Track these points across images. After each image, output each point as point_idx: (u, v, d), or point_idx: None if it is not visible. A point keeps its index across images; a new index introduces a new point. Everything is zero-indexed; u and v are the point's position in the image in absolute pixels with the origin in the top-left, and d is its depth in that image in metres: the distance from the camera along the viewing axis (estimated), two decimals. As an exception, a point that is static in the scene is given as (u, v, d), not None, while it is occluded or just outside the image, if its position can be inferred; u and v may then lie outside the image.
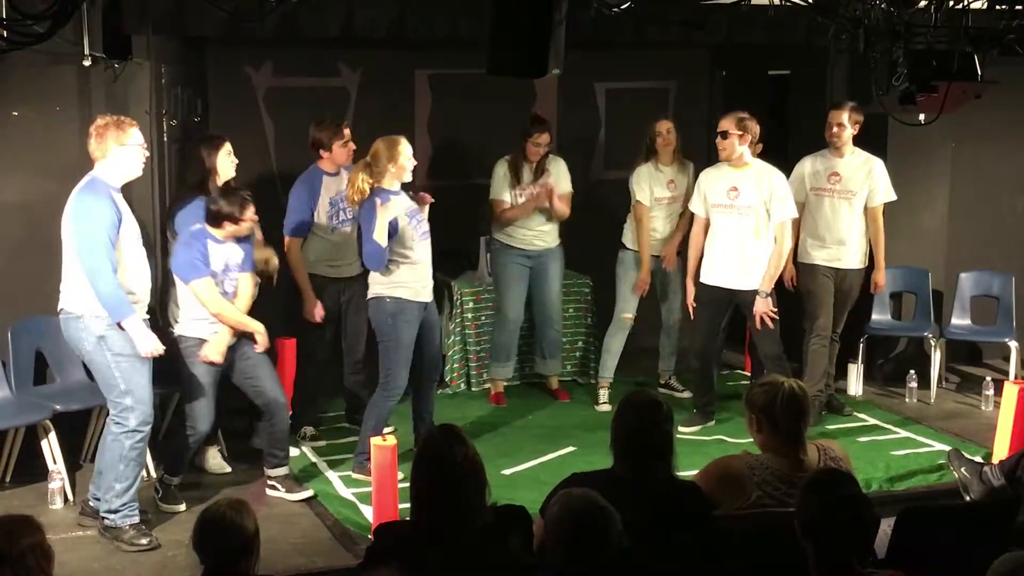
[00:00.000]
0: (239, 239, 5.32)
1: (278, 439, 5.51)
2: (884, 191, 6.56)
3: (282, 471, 5.55)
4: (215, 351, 5.22)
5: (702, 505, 3.64)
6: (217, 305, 5.20)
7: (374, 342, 5.88)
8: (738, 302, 6.34)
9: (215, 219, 5.20)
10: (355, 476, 5.70)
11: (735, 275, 6.23)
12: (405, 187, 5.69)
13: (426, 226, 5.72)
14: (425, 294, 5.71)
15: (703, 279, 6.35)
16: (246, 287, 5.40)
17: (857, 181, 6.50)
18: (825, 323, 6.55)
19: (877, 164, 6.55)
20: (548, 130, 6.73)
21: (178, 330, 5.28)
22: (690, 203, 6.49)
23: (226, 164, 5.63)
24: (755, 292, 6.18)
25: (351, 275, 6.16)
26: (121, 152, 4.86)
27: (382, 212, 5.41)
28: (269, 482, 5.54)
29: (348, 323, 6.27)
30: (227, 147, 5.65)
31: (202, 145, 5.69)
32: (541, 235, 6.84)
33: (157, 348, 4.89)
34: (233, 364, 5.36)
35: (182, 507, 5.33)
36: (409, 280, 5.62)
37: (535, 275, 6.89)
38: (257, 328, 5.31)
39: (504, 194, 6.71)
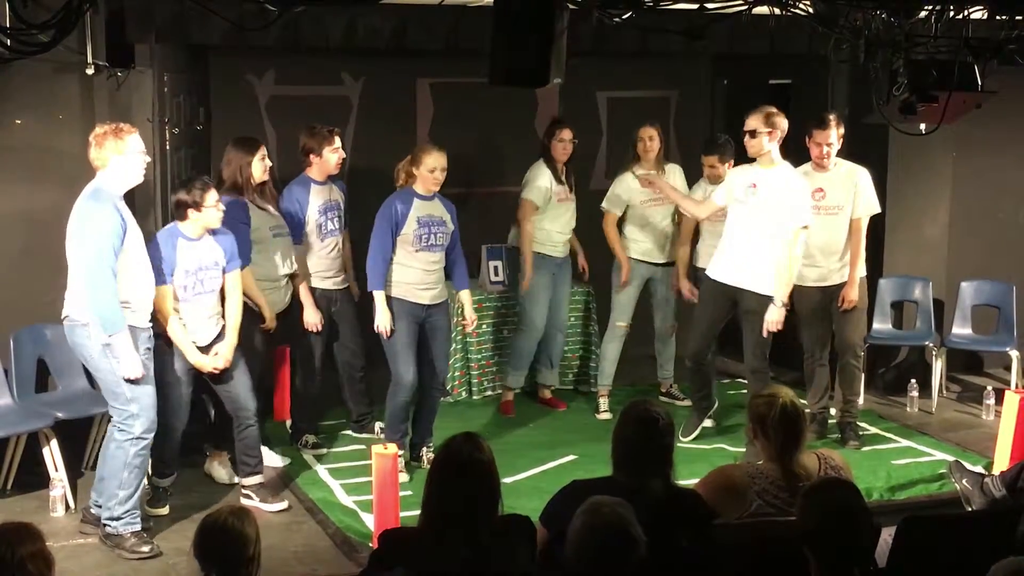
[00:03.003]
0: (216, 233, 5.31)
1: (249, 447, 5.51)
2: (868, 203, 6.35)
3: (255, 480, 5.54)
4: (204, 366, 5.26)
5: (703, 513, 3.64)
6: (164, 317, 5.18)
7: (370, 350, 5.87)
8: (739, 302, 6.15)
9: (178, 210, 5.20)
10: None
11: (740, 274, 6.02)
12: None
13: (442, 239, 5.78)
14: (423, 296, 5.75)
15: (710, 273, 6.21)
16: (235, 286, 5.40)
17: (842, 194, 6.30)
18: (818, 344, 6.43)
19: (863, 175, 6.35)
20: (569, 126, 6.76)
21: (160, 328, 5.28)
22: (715, 196, 6.29)
23: (258, 168, 5.68)
24: (756, 297, 5.99)
25: (339, 287, 6.19)
26: (121, 160, 4.87)
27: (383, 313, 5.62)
28: (243, 491, 5.53)
29: (339, 334, 6.27)
30: (262, 150, 5.72)
31: (238, 148, 5.71)
32: (567, 241, 6.89)
33: (137, 373, 4.86)
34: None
35: (164, 510, 5.36)
36: (401, 280, 5.69)
37: (555, 282, 6.90)
38: (192, 357, 5.25)
39: (537, 196, 6.68)
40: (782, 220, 5.90)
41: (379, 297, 5.65)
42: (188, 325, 5.27)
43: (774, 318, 5.99)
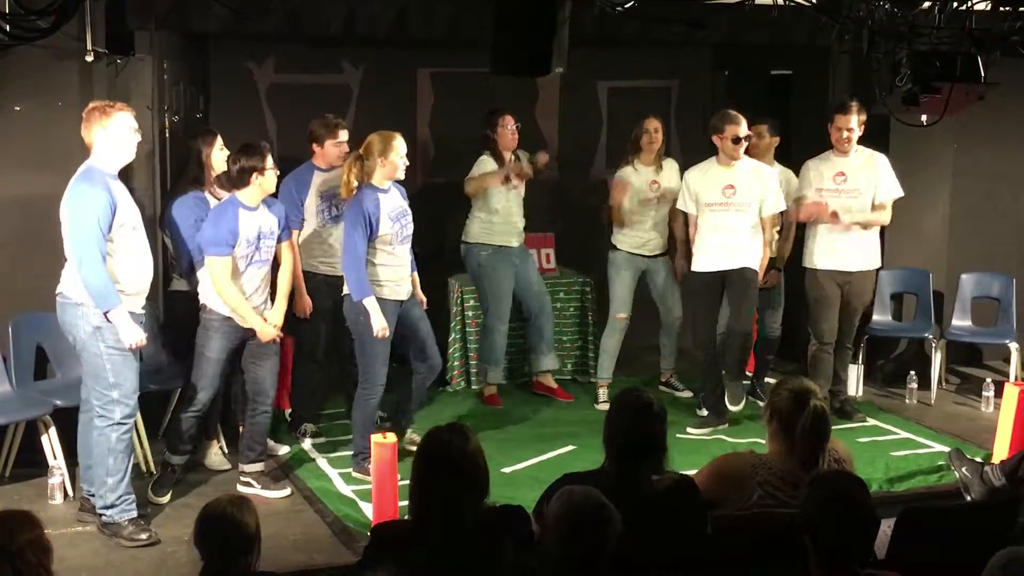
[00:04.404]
0: (271, 205, 5.33)
1: (258, 433, 5.51)
2: (890, 187, 6.50)
3: (257, 467, 5.54)
4: (268, 333, 5.29)
5: (697, 502, 3.63)
6: (223, 287, 5.19)
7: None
8: (726, 281, 6.35)
9: (241, 176, 5.20)
10: (355, 475, 5.70)
11: (725, 260, 6.29)
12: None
13: (410, 229, 5.70)
14: (401, 292, 5.68)
15: (695, 267, 6.40)
16: (288, 258, 5.44)
17: (863, 179, 6.45)
18: (829, 329, 6.50)
19: (881, 160, 6.51)
20: (511, 113, 6.73)
21: (203, 299, 5.33)
22: (679, 204, 6.49)
23: (219, 157, 5.63)
24: (741, 270, 6.25)
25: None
26: (105, 137, 4.82)
27: (375, 314, 5.47)
28: (243, 479, 5.52)
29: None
30: (219, 141, 5.66)
31: (197, 140, 5.69)
32: (520, 231, 6.88)
33: (140, 340, 4.86)
34: (246, 343, 5.36)
35: (165, 499, 5.36)
36: (384, 279, 5.60)
37: (520, 271, 6.89)
38: (257, 325, 5.30)
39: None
40: (764, 209, 6.31)
41: (371, 303, 5.50)
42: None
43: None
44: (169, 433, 5.51)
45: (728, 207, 6.25)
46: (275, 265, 5.49)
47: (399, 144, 5.55)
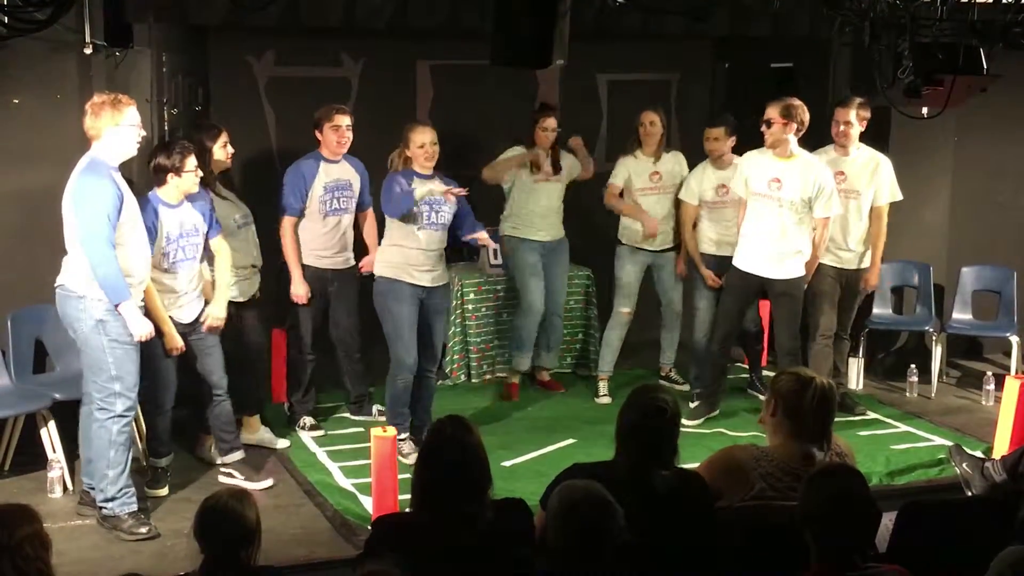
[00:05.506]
0: (194, 200, 5.27)
1: (223, 423, 5.49)
2: (890, 190, 6.47)
3: (235, 456, 5.52)
4: (173, 343, 5.21)
5: (707, 497, 3.63)
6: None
7: (368, 331, 5.89)
8: (768, 291, 6.30)
9: (157, 175, 5.16)
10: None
11: (769, 265, 6.14)
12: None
13: (445, 218, 5.75)
14: (423, 279, 5.74)
15: (736, 263, 6.28)
16: (221, 249, 5.39)
17: (862, 180, 6.40)
18: (829, 323, 6.48)
19: (883, 162, 6.45)
20: (554, 115, 6.71)
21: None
22: (733, 185, 6.35)
23: (220, 155, 5.61)
24: (786, 282, 6.13)
25: (339, 267, 6.15)
26: (115, 132, 4.82)
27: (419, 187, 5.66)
28: (223, 470, 5.51)
29: (335, 314, 6.24)
30: (223, 137, 5.63)
31: (201, 134, 5.66)
32: (552, 225, 6.83)
33: (149, 331, 4.88)
34: (187, 341, 5.32)
35: (163, 491, 5.36)
36: (403, 261, 5.69)
37: (545, 266, 6.88)
38: (166, 329, 5.17)
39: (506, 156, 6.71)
40: (815, 209, 6.06)
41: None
42: (173, 296, 5.22)
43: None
44: (148, 439, 5.47)
45: (770, 199, 6.08)
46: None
47: (417, 135, 5.71)
